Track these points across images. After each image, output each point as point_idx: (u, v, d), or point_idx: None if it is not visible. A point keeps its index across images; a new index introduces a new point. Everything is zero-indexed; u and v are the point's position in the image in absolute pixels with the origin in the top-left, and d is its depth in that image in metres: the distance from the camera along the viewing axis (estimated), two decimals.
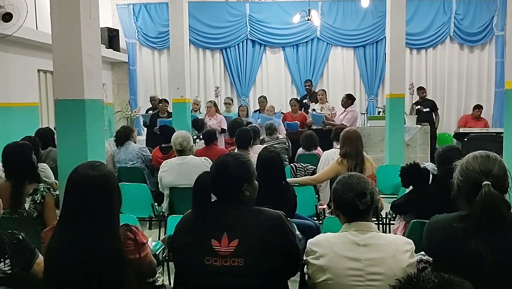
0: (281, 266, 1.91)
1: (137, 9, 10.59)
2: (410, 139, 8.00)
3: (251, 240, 1.85)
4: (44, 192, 3.06)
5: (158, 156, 5.55)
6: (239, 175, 1.99)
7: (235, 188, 1.98)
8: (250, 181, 2.03)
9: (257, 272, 1.84)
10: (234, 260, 1.83)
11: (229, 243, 1.84)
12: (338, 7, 10.32)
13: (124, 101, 10.81)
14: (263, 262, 1.85)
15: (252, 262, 1.83)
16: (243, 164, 2.04)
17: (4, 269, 1.87)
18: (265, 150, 3.59)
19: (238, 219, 1.90)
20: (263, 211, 1.97)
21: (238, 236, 1.85)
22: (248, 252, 1.83)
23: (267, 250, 1.86)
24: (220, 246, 1.84)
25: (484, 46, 10.34)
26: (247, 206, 1.98)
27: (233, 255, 1.83)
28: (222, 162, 2.05)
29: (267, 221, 1.92)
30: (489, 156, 1.81)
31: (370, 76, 10.46)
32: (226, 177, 1.99)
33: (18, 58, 7.17)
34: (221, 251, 1.84)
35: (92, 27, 3.50)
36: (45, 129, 5.51)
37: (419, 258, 2.01)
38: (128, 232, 1.96)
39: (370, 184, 1.98)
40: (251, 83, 10.66)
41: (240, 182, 1.99)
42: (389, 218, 4.30)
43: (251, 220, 1.90)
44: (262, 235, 1.86)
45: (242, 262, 1.82)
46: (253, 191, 2.05)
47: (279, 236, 1.90)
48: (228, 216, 1.92)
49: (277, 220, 1.93)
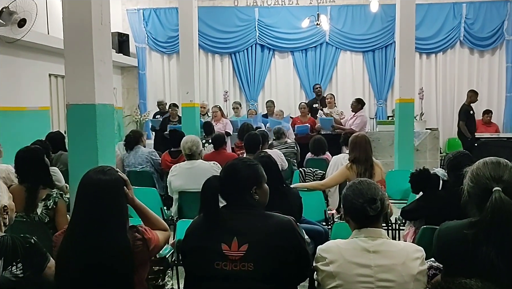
0: (291, 271, 1.91)
1: (147, 14, 10.68)
2: (419, 144, 7.95)
3: (261, 245, 1.85)
4: (56, 198, 3.08)
5: (167, 160, 5.57)
6: (247, 178, 2.01)
7: (244, 191, 1.99)
8: (259, 184, 2.04)
9: (266, 277, 1.84)
10: (244, 265, 1.83)
11: (239, 248, 1.85)
12: (347, 12, 10.32)
13: (134, 105, 10.89)
14: (273, 266, 1.85)
15: (262, 267, 1.83)
16: (251, 167, 2.05)
17: (16, 272, 1.89)
18: (256, 156, 3.54)
19: (248, 224, 1.91)
20: (273, 215, 1.97)
21: (248, 241, 1.85)
22: (258, 256, 1.84)
23: (277, 255, 1.86)
24: (230, 250, 1.85)
25: (494, 50, 10.27)
26: (257, 210, 1.98)
27: (243, 260, 1.83)
28: (230, 165, 2.08)
29: (277, 225, 1.92)
30: (500, 162, 1.80)
31: (379, 81, 10.43)
32: (235, 180, 2.00)
33: (30, 63, 7.26)
34: (231, 256, 1.84)
35: (103, 32, 3.53)
36: (56, 133, 5.55)
37: (429, 264, 2.01)
38: (136, 233, 1.99)
39: (380, 189, 1.97)
40: (259, 88, 10.68)
41: (249, 185, 2.00)
42: (398, 223, 4.28)
43: (261, 225, 1.90)
44: (272, 240, 1.87)
45: (252, 267, 1.83)
46: (263, 194, 2.06)
47: (289, 240, 1.90)
48: (238, 220, 1.92)
49: (287, 225, 1.93)
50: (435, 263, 2.18)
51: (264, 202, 2.07)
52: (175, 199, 4.40)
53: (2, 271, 1.88)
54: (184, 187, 4.33)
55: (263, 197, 2.06)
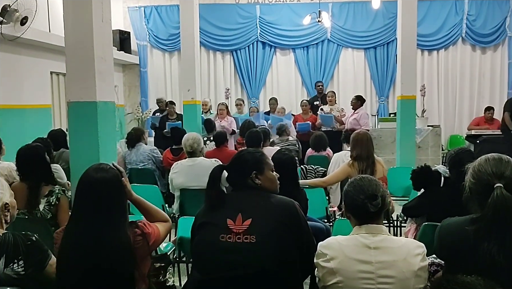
0: (293, 252, 2.00)
1: (148, 12, 10.68)
2: (421, 141, 7.94)
3: (263, 219, 1.99)
4: (59, 194, 3.10)
5: (169, 157, 5.58)
6: (246, 162, 2.18)
7: (245, 175, 2.14)
8: (260, 170, 2.17)
9: (268, 249, 1.94)
10: (247, 237, 1.95)
11: (243, 222, 1.98)
12: (348, 9, 10.29)
13: (135, 103, 10.89)
14: (275, 240, 1.96)
15: (263, 239, 1.95)
16: (252, 154, 2.23)
17: (18, 270, 1.90)
18: (279, 152, 3.57)
19: (252, 202, 2.06)
20: (275, 196, 2.14)
21: (251, 216, 1.99)
22: (260, 229, 1.96)
23: (279, 230, 1.98)
24: (235, 224, 1.99)
25: (496, 47, 10.24)
26: (260, 192, 2.12)
27: (246, 233, 1.96)
28: (237, 153, 2.30)
29: (279, 203, 2.07)
30: (502, 158, 1.79)
31: (381, 78, 10.41)
32: (237, 165, 2.20)
33: (31, 60, 7.27)
34: (235, 229, 1.97)
35: (104, 30, 3.52)
36: (57, 131, 5.56)
37: (430, 261, 2.00)
38: (136, 228, 2.01)
39: (381, 186, 1.97)
40: (261, 85, 10.67)
41: (248, 170, 2.15)
42: (400, 220, 4.28)
43: (264, 203, 2.06)
44: (273, 215, 2.00)
45: (254, 239, 1.95)
46: (266, 180, 2.18)
47: (290, 218, 2.03)
48: (242, 199, 2.08)
49: (289, 204, 2.08)
50: (437, 259, 2.18)
51: (270, 188, 2.18)
52: (177, 196, 4.41)
53: (4, 268, 1.89)
54: (185, 184, 4.33)
55: (267, 183, 2.18)
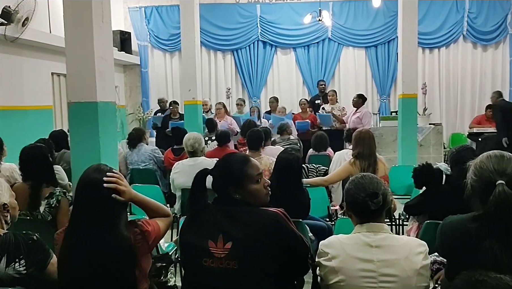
0: (282, 267, 1.87)
1: (148, 12, 10.69)
2: (423, 139, 7.93)
3: (245, 243, 1.83)
4: (60, 196, 3.09)
5: (170, 157, 5.58)
6: (226, 176, 1.97)
7: (224, 188, 1.96)
8: (238, 185, 1.95)
9: (251, 275, 1.82)
10: (229, 263, 1.82)
11: (224, 245, 1.84)
12: (349, 7, 10.29)
13: (137, 103, 10.90)
14: (258, 264, 1.82)
15: (245, 265, 1.82)
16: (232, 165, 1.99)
17: (19, 269, 1.90)
18: (285, 152, 3.57)
19: (232, 222, 1.87)
20: (258, 211, 1.91)
21: (231, 239, 1.83)
22: (241, 254, 1.82)
23: (262, 252, 1.82)
24: (216, 248, 1.84)
25: (498, 44, 10.23)
26: (241, 207, 1.91)
27: (228, 258, 1.82)
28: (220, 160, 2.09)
29: (260, 222, 1.86)
30: (503, 155, 1.78)
31: (382, 76, 10.40)
32: (217, 173, 2.01)
33: (32, 61, 7.27)
34: (216, 253, 1.84)
35: (104, 30, 3.53)
36: (59, 132, 5.57)
37: (433, 259, 2.00)
38: (135, 228, 1.99)
39: (383, 184, 1.96)
40: (262, 84, 10.67)
41: (227, 183, 1.96)
42: (402, 219, 4.27)
43: (245, 222, 1.86)
44: (256, 237, 1.83)
45: (236, 265, 1.81)
46: (247, 195, 1.95)
47: (274, 236, 1.84)
48: (223, 216, 1.89)
49: (271, 222, 1.86)
50: (439, 258, 2.18)
51: (253, 202, 1.96)
52: (178, 196, 4.41)
53: (5, 267, 1.89)
54: (187, 184, 4.32)
55: (248, 197, 1.95)
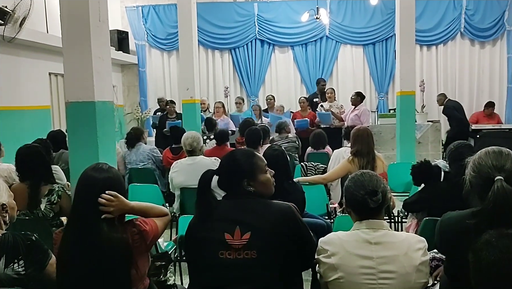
0: (294, 258, 1.93)
1: (146, 11, 10.66)
2: (421, 136, 7.93)
3: (263, 232, 1.88)
4: (60, 192, 3.12)
5: (168, 156, 5.58)
6: (238, 170, 2.03)
7: (239, 182, 2.01)
8: (251, 176, 2.02)
9: (270, 264, 1.87)
10: (248, 253, 1.86)
11: (242, 236, 1.87)
12: (346, 5, 10.28)
13: (135, 103, 10.89)
14: (276, 253, 1.88)
15: (265, 254, 1.86)
16: (243, 159, 2.07)
17: (18, 269, 1.90)
18: (270, 148, 3.57)
19: (249, 212, 1.93)
20: (273, 203, 2.00)
21: (250, 229, 1.88)
22: (260, 244, 1.86)
23: (280, 242, 1.88)
24: (233, 239, 1.87)
25: (495, 41, 10.23)
26: (256, 199, 2.00)
27: (246, 248, 1.86)
28: (227, 156, 2.14)
29: (278, 213, 1.94)
30: (502, 151, 1.78)
31: (380, 74, 10.40)
32: (227, 170, 2.06)
33: (29, 62, 7.25)
34: (234, 244, 1.87)
35: (101, 29, 3.51)
36: (57, 132, 5.56)
37: (431, 256, 2.00)
38: (133, 228, 1.99)
39: (382, 182, 1.96)
40: (260, 83, 10.66)
41: (240, 177, 2.01)
42: (401, 216, 4.28)
43: (261, 212, 1.93)
44: (273, 227, 1.89)
45: (255, 254, 1.85)
46: (259, 185, 2.03)
47: (291, 227, 1.93)
48: (238, 209, 1.94)
49: (287, 212, 1.96)
50: (438, 254, 2.18)
51: (264, 192, 2.05)
52: (177, 195, 4.41)
53: (4, 268, 1.89)
54: (185, 183, 4.33)
55: (260, 187, 2.04)
